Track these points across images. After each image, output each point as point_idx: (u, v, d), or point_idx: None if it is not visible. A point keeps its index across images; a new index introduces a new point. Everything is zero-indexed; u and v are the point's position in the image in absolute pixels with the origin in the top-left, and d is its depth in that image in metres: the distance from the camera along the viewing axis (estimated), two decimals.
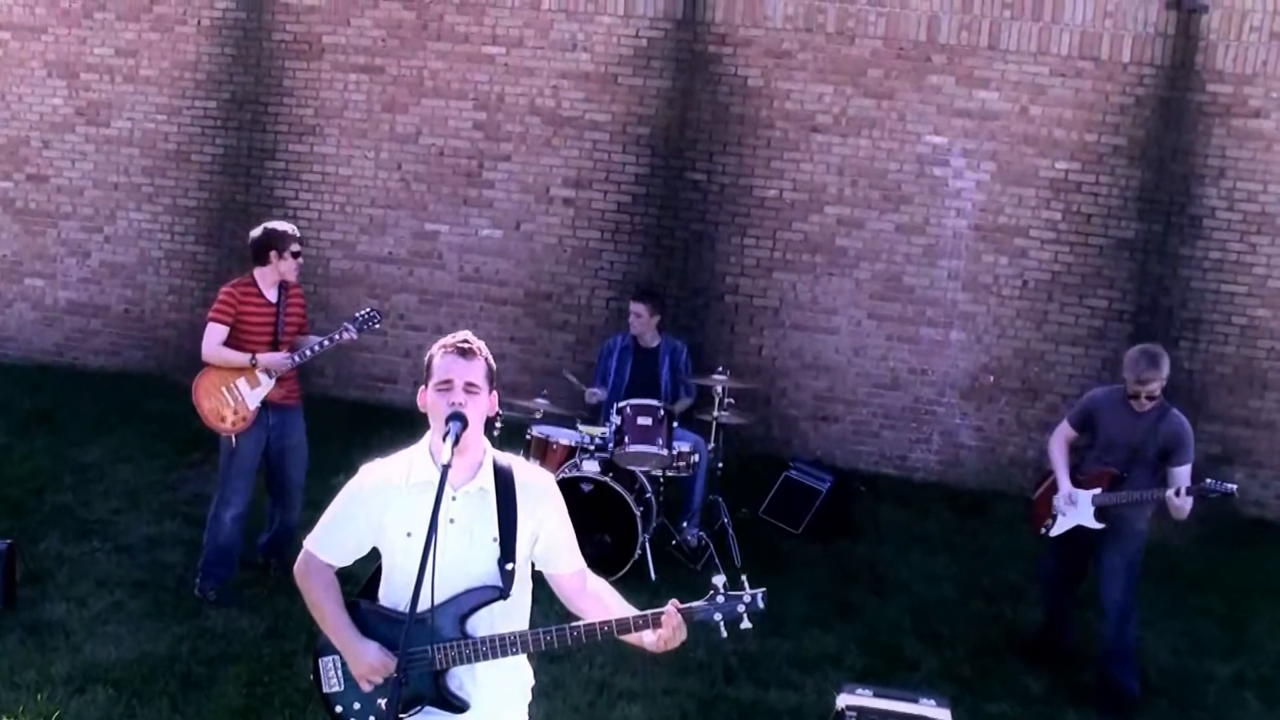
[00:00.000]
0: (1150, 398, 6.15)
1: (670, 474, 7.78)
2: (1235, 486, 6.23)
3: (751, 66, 9.76)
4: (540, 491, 3.51)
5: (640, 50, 9.89)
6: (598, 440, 7.64)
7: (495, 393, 3.53)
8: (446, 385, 3.38)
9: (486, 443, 3.53)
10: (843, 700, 5.01)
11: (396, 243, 10.42)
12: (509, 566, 3.40)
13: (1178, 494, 6.01)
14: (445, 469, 3.25)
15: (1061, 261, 9.59)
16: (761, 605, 3.34)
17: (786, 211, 9.87)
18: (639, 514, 7.28)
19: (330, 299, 10.40)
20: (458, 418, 3.32)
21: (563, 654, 5.93)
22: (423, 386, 3.49)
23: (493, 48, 10.07)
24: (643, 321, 8.33)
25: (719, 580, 3.37)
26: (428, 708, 3.42)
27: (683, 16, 9.79)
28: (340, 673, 3.52)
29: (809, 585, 7.45)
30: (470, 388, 3.39)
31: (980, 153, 9.57)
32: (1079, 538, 6.34)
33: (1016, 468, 9.67)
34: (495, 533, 3.41)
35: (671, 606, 3.32)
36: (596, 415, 8.19)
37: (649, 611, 3.35)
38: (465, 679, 3.43)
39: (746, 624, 3.33)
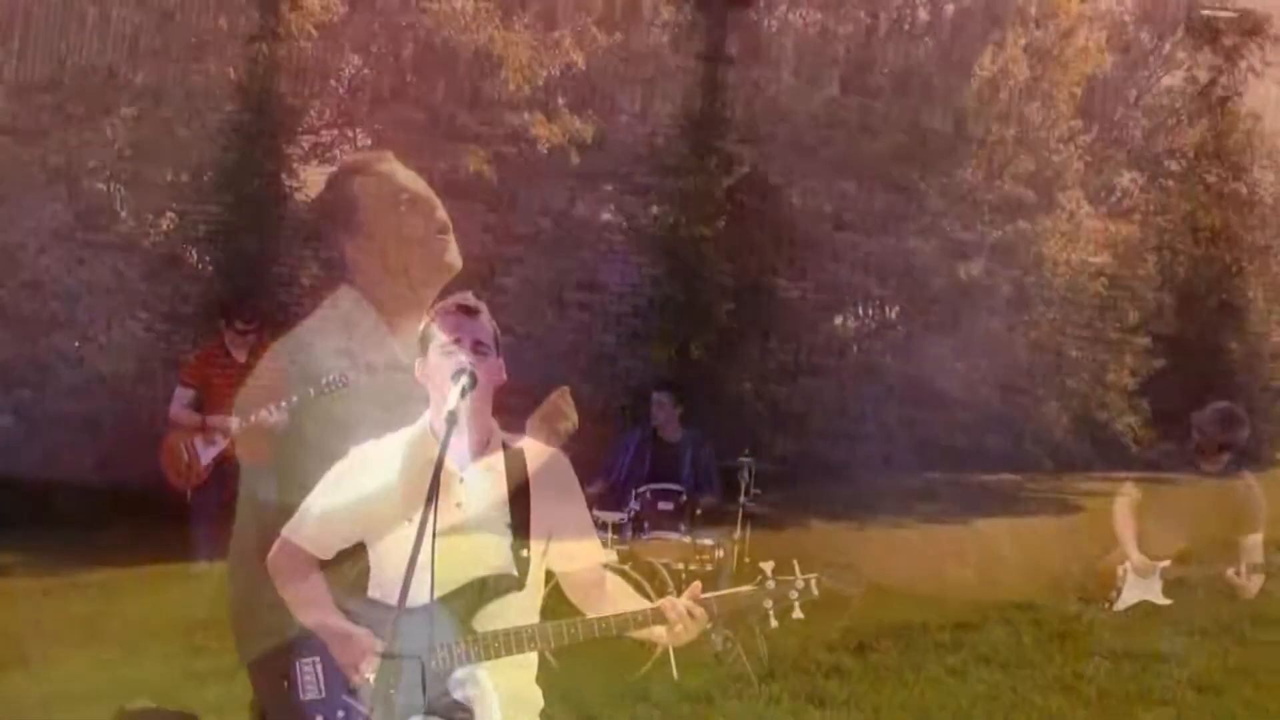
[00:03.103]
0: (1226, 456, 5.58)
1: (693, 568, 7.10)
2: None
3: (772, 162, 9.51)
4: (556, 469, 3.04)
5: (657, 148, 9.66)
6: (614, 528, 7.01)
7: (501, 359, 3.08)
8: (452, 346, 2.93)
9: (494, 422, 3.04)
10: None
11: (403, 349, 9.96)
12: (524, 553, 2.90)
13: (1238, 573, 5.38)
14: (452, 417, 2.73)
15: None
16: (816, 592, 2.91)
17: (810, 312, 9.46)
18: None
19: None
20: (466, 373, 2.85)
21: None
22: (419, 358, 3.03)
23: (506, 147, 9.84)
24: (665, 412, 7.85)
25: (767, 566, 2.93)
26: (428, 716, 2.82)
27: (701, 114, 9.59)
28: (321, 677, 2.93)
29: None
30: (479, 347, 2.95)
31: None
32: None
33: None
34: (508, 517, 2.91)
35: (694, 589, 2.86)
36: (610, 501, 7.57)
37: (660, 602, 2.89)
38: (469, 684, 2.84)
39: (798, 613, 2.90)
